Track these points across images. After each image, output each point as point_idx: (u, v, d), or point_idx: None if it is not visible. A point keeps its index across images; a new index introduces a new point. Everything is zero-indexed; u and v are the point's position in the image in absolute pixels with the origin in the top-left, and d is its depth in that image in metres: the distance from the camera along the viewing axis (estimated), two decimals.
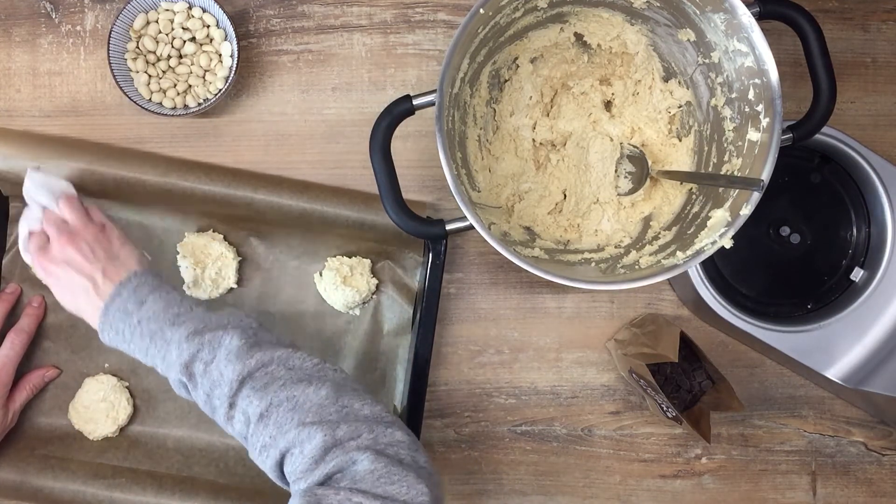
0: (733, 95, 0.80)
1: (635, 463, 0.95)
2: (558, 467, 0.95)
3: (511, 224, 0.87)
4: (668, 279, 0.91)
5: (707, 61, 0.82)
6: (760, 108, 0.76)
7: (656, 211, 0.88)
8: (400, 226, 0.76)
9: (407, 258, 0.93)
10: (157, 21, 0.89)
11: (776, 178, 0.76)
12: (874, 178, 0.88)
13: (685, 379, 0.90)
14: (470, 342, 0.95)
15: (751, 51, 0.75)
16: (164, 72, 0.90)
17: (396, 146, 0.78)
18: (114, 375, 0.90)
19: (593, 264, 0.83)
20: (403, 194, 0.76)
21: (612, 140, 0.89)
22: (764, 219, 0.91)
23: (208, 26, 0.90)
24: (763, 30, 0.74)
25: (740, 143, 0.79)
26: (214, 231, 0.91)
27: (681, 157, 0.88)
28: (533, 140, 0.91)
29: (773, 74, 0.74)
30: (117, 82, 0.88)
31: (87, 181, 0.88)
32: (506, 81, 0.90)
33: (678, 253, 0.78)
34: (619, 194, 0.89)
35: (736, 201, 0.76)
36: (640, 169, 0.89)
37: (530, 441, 0.95)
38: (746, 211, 0.74)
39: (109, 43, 0.88)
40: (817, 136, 0.82)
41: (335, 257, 0.91)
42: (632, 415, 0.95)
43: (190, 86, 0.91)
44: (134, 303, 0.75)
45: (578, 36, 0.88)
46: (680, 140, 0.88)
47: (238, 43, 0.89)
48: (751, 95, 0.77)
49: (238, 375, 0.70)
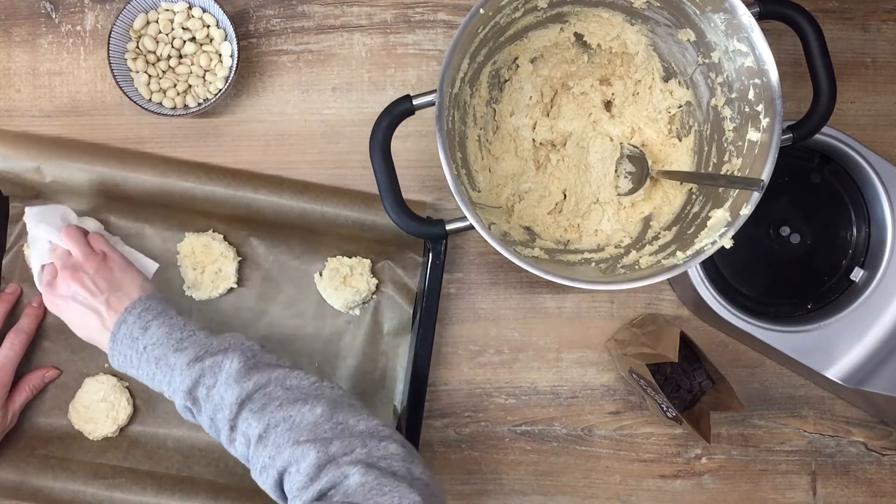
0: (733, 95, 0.80)
1: (635, 463, 0.95)
2: (558, 467, 0.95)
3: (511, 224, 0.87)
4: (668, 279, 0.91)
5: (707, 61, 0.82)
6: (760, 108, 0.76)
7: (656, 211, 0.88)
8: (400, 226, 0.76)
9: (407, 258, 0.93)
10: (157, 21, 0.89)
11: (776, 178, 0.76)
12: (874, 178, 0.88)
13: (685, 379, 0.90)
14: (470, 342, 0.95)
15: (751, 51, 0.75)
16: (164, 72, 0.90)
17: (396, 146, 0.78)
18: (114, 375, 0.90)
19: (593, 264, 0.83)
20: (403, 194, 0.76)
21: (612, 140, 0.89)
22: (764, 219, 0.91)
23: (208, 26, 0.90)
24: (763, 30, 0.74)
25: (740, 143, 0.79)
26: (214, 231, 0.91)
27: (681, 157, 0.88)
28: (533, 140, 0.91)
29: (773, 74, 0.74)
30: (117, 82, 0.88)
31: (87, 182, 0.88)
32: (506, 81, 0.90)
33: (678, 253, 0.78)
34: (619, 194, 0.89)
35: (736, 201, 0.76)
36: (640, 169, 0.89)
37: (530, 441, 0.95)
38: (746, 211, 0.74)
39: (109, 43, 0.88)
40: (817, 136, 0.82)
41: (335, 257, 0.91)
42: (632, 415, 0.95)
43: (190, 86, 0.91)
44: (139, 328, 0.77)
45: (578, 36, 0.88)
46: (680, 140, 0.88)
47: (238, 43, 0.89)
48: (751, 95, 0.77)
49: (237, 398, 0.71)
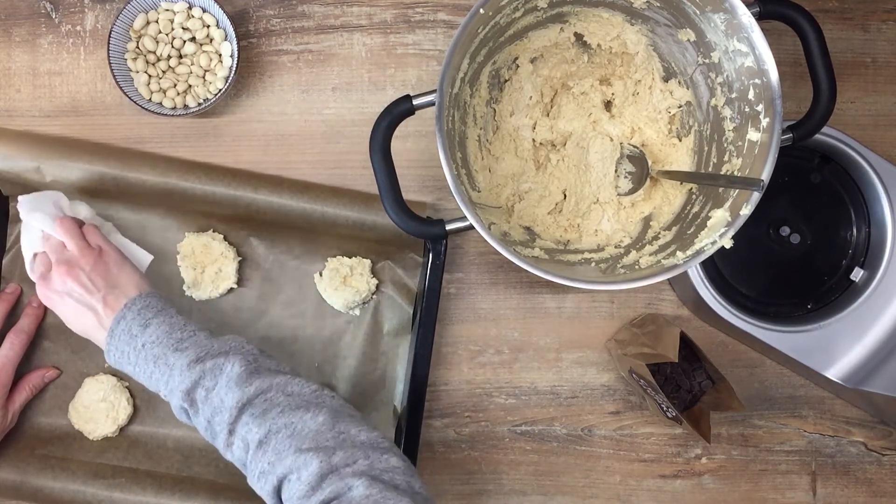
0: (733, 95, 0.80)
1: (635, 463, 0.95)
2: (558, 467, 0.95)
3: (511, 224, 0.87)
4: (668, 279, 0.91)
5: (707, 61, 0.82)
6: (760, 108, 0.76)
7: (656, 211, 0.88)
8: (400, 226, 0.76)
9: (407, 258, 0.93)
10: (157, 21, 0.89)
11: (776, 178, 0.76)
12: (874, 178, 0.88)
13: (685, 379, 0.90)
14: (470, 342, 0.95)
15: (751, 51, 0.75)
16: (164, 72, 0.90)
17: (396, 146, 0.78)
18: (114, 375, 0.90)
19: (593, 264, 0.83)
20: (403, 194, 0.76)
21: (612, 140, 0.89)
22: (764, 219, 0.91)
23: (208, 26, 0.90)
24: (763, 30, 0.74)
25: (740, 143, 0.79)
26: (214, 231, 0.91)
27: (681, 157, 0.88)
28: (533, 140, 0.91)
29: (773, 74, 0.74)
30: (117, 82, 0.88)
31: (87, 181, 0.88)
32: (506, 81, 0.90)
33: (678, 253, 0.78)
34: (619, 194, 0.89)
35: (736, 201, 0.76)
36: (640, 169, 0.89)
37: (530, 441, 0.95)
38: (746, 211, 0.74)
39: (109, 43, 0.88)
40: (817, 136, 0.82)
41: (335, 257, 0.91)
42: (632, 415, 0.95)
43: (190, 86, 0.91)
44: (138, 325, 0.76)
45: (578, 36, 0.88)
46: (680, 140, 0.88)
47: (238, 43, 0.89)
48: (751, 95, 0.77)
49: (238, 402, 0.71)
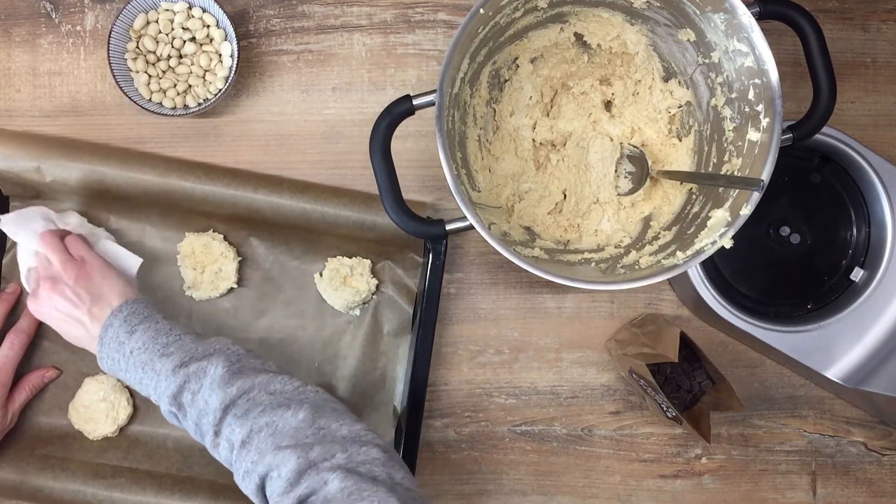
0: (733, 95, 0.80)
1: (635, 463, 0.95)
2: (558, 467, 0.95)
3: (511, 224, 0.87)
4: (668, 279, 0.91)
5: (707, 61, 0.82)
6: (760, 108, 0.76)
7: (656, 211, 0.88)
8: (400, 226, 0.76)
9: (407, 258, 0.93)
10: (157, 21, 0.89)
11: (776, 178, 0.76)
12: (874, 178, 0.88)
13: (685, 379, 0.90)
14: (470, 342, 0.95)
15: (751, 51, 0.75)
16: (164, 72, 0.90)
17: (396, 146, 0.78)
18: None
19: (593, 264, 0.83)
20: (403, 194, 0.76)
21: (612, 140, 0.89)
22: (764, 219, 0.91)
23: (208, 26, 0.90)
24: (763, 30, 0.74)
25: (740, 143, 0.79)
26: (214, 231, 0.91)
27: (681, 157, 0.88)
28: (533, 140, 0.91)
29: (773, 74, 0.74)
30: (117, 82, 0.88)
31: (87, 181, 0.88)
32: (506, 81, 0.90)
33: (678, 253, 0.78)
34: (619, 194, 0.89)
35: (736, 201, 0.76)
36: (640, 169, 0.89)
37: (530, 441, 0.95)
38: (746, 211, 0.74)
39: (109, 43, 0.88)
40: (817, 136, 0.82)
41: (335, 257, 0.91)
42: (632, 415, 0.95)
43: (190, 86, 0.91)
44: (125, 332, 0.77)
45: (578, 36, 0.88)
46: (680, 140, 0.88)
47: (238, 43, 0.89)
48: (751, 95, 0.77)
49: (221, 404, 0.71)
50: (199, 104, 0.90)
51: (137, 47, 0.90)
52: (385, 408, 0.92)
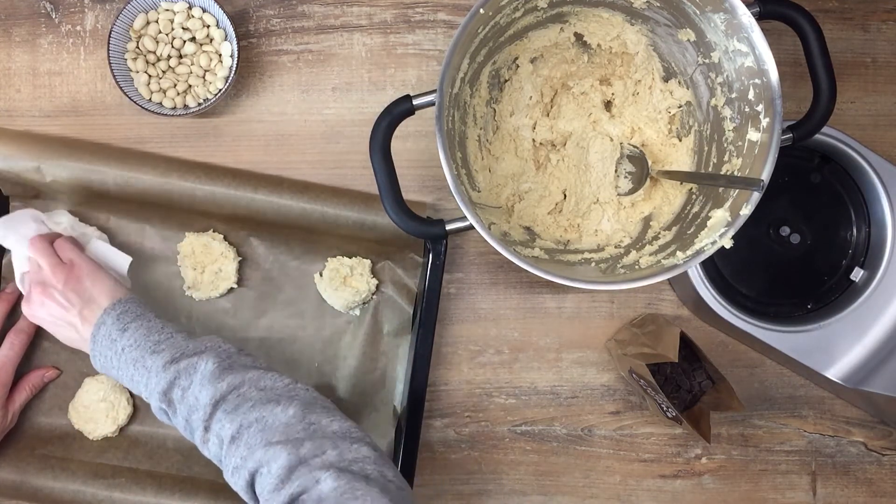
0: (733, 95, 0.80)
1: (635, 463, 0.95)
2: (558, 467, 0.95)
3: (511, 224, 0.87)
4: (668, 279, 0.91)
5: (707, 61, 0.82)
6: (760, 108, 0.76)
7: (656, 211, 0.88)
8: (400, 226, 0.76)
9: (407, 258, 0.93)
10: (157, 21, 0.89)
11: (776, 178, 0.76)
12: (874, 178, 0.88)
13: (685, 379, 0.90)
14: (470, 342, 0.95)
15: (751, 51, 0.75)
16: (164, 72, 0.90)
17: (396, 146, 0.78)
18: None
19: (593, 264, 0.83)
20: (403, 194, 0.76)
21: (612, 140, 0.89)
22: (764, 219, 0.91)
23: (208, 26, 0.90)
24: (763, 30, 0.74)
25: (740, 143, 0.79)
26: (214, 231, 0.91)
27: (681, 157, 0.88)
28: (533, 140, 0.91)
29: (773, 74, 0.74)
30: (117, 82, 0.88)
31: (87, 181, 0.88)
32: (506, 81, 0.90)
33: (678, 253, 0.78)
34: (619, 194, 0.89)
35: (736, 201, 0.76)
36: (640, 169, 0.89)
37: (530, 441, 0.95)
38: (746, 211, 0.74)
39: (109, 43, 0.88)
40: (817, 136, 0.82)
41: (335, 257, 0.91)
42: (632, 415, 0.95)
43: (190, 86, 0.91)
44: (117, 330, 0.77)
45: (578, 36, 0.88)
46: (680, 140, 0.88)
47: (238, 43, 0.89)
48: (751, 95, 0.77)
49: (211, 399, 0.71)
50: (199, 104, 0.90)
51: (137, 47, 0.90)
52: (385, 408, 0.92)
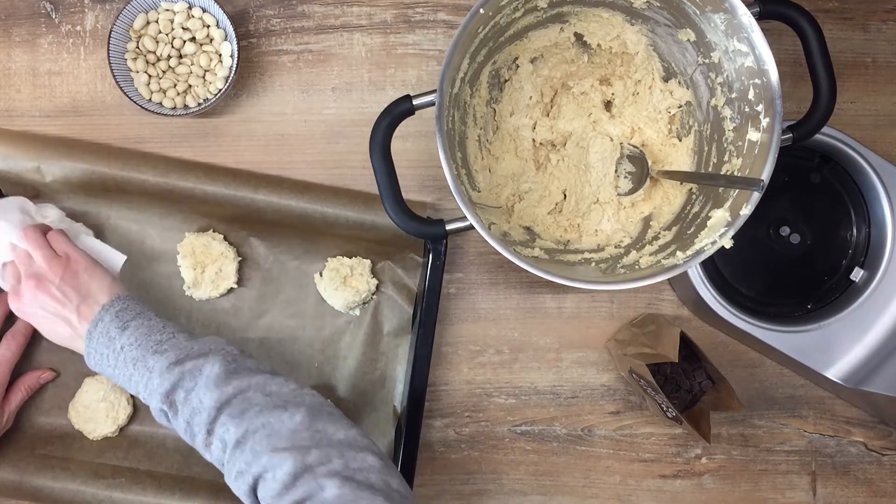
0: (733, 95, 0.80)
1: (635, 463, 0.95)
2: (558, 467, 0.95)
3: (511, 224, 0.87)
4: (668, 279, 0.91)
5: (707, 61, 0.82)
6: (760, 108, 0.76)
7: (656, 211, 0.88)
8: (400, 226, 0.76)
9: (407, 258, 0.93)
10: (157, 21, 0.89)
11: (776, 178, 0.76)
12: (874, 178, 0.88)
13: (685, 379, 0.90)
14: (470, 342, 0.95)
15: (751, 51, 0.75)
16: (164, 72, 0.90)
17: (396, 146, 0.78)
18: None
19: (593, 264, 0.83)
20: (403, 194, 0.76)
21: (612, 140, 0.89)
22: (764, 219, 0.91)
23: (208, 26, 0.90)
24: (763, 30, 0.74)
25: (740, 143, 0.79)
26: (214, 231, 0.91)
27: (681, 157, 0.88)
28: (533, 140, 0.91)
29: (773, 74, 0.74)
30: (117, 82, 0.88)
31: (87, 181, 0.88)
32: (506, 81, 0.90)
33: (678, 253, 0.78)
34: (619, 194, 0.89)
35: (736, 201, 0.76)
36: (640, 169, 0.89)
37: (530, 441, 0.95)
38: (746, 211, 0.74)
39: (109, 43, 0.88)
40: (817, 136, 0.82)
41: (335, 257, 0.91)
42: (632, 415, 0.95)
43: (190, 86, 0.91)
44: (116, 328, 0.76)
45: (578, 36, 0.88)
46: (680, 140, 0.88)
47: (238, 43, 0.89)
48: (751, 95, 0.77)
49: (216, 402, 0.70)
50: (199, 104, 0.90)
51: (137, 47, 0.90)
52: (385, 408, 0.92)
